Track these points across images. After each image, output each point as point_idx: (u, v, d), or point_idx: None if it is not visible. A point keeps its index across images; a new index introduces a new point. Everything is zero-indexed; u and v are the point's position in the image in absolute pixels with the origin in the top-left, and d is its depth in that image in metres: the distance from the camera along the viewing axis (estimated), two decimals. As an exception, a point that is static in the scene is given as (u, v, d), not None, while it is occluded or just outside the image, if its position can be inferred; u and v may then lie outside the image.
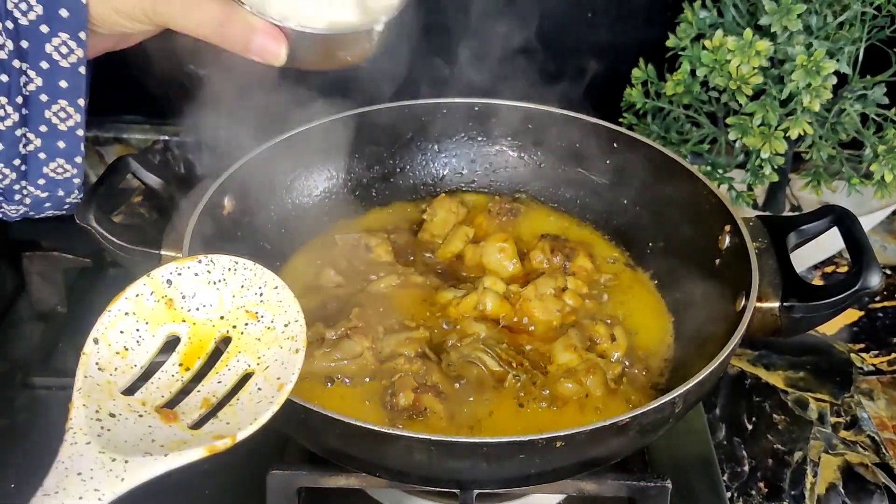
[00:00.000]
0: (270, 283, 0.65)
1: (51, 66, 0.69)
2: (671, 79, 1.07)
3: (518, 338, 0.86)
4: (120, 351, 0.62)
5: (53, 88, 0.71)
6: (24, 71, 0.69)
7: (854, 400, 1.01)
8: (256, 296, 0.65)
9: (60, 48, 0.69)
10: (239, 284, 0.65)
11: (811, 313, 0.78)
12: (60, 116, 0.72)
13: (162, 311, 0.64)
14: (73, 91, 0.71)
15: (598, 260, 0.97)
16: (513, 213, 1.02)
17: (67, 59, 0.70)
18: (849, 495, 0.90)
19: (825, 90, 0.96)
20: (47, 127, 0.72)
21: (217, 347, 0.65)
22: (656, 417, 0.68)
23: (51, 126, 0.72)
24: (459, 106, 1.03)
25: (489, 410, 0.78)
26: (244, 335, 0.64)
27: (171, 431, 0.59)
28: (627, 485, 0.78)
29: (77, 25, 0.68)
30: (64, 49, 0.69)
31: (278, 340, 0.63)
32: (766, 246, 0.83)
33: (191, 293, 0.65)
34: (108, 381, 0.61)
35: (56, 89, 0.71)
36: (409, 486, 0.81)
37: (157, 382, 0.63)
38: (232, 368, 0.63)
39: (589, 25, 1.23)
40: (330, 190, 1.03)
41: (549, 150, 1.05)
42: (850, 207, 0.85)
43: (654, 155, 0.95)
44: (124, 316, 0.63)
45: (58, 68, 0.70)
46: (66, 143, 0.73)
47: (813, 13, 0.99)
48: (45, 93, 0.71)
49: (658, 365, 0.85)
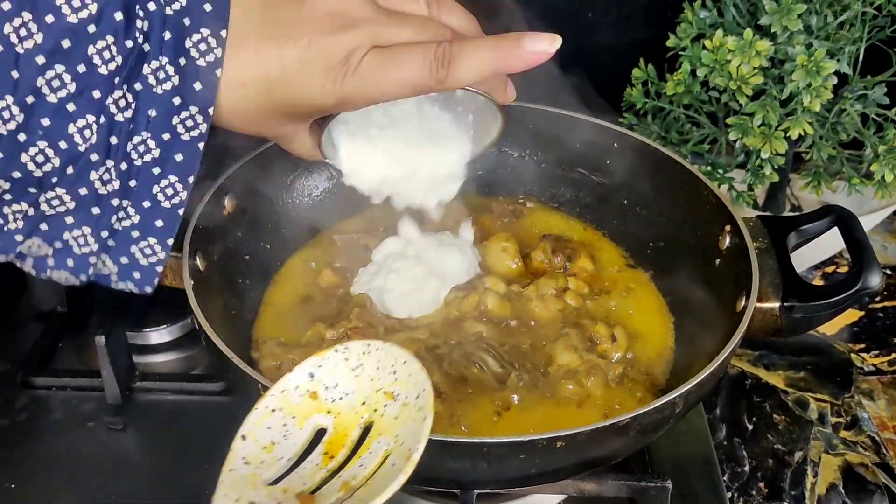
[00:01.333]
0: (400, 359, 0.64)
1: (152, 205, 0.66)
2: (671, 79, 1.07)
3: (519, 338, 0.86)
4: (267, 446, 0.62)
5: (148, 227, 0.67)
6: (123, 208, 0.65)
7: (854, 400, 1.01)
8: (391, 375, 0.64)
9: (166, 190, 0.66)
10: (374, 367, 0.65)
11: (811, 313, 0.78)
12: (145, 252, 0.68)
13: (307, 405, 0.64)
14: (166, 231, 0.67)
15: (599, 260, 0.97)
16: (515, 214, 1.02)
17: (171, 201, 0.66)
18: (849, 495, 0.90)
19: (825, 90, 0.96)
20: (128, 259, 0.68)
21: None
22: (656, 417, 0.68)
23: (132, 259, 0.68)
24: (459, 106, 1.03)
25: (489, 410, 0.78)
26: (384, 417, 0.63)
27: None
28: (628, 485, 0.78)
29: (188, 170, 0.65)
30: (170, 191, 0.66)
31: (412, 415, 0.62)
32: (767, 246, 0.83)
33: (332, 383, 0.65)
34: (252, 475, 0.61)
35: (150, 228, 0.67)
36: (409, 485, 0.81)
37: (300, 472, 0.62)
38: (373, 451, 0.62)
39: (589, 25, 1.23)
40: (330, 190, 1.03)
41: (549, 150, 1.04)
42: (851, 207, 0.85)
43: (655, 155, 0.95)
44: (271, 413, 0.63)
45: (158, 208, 0.66)
46: (142, 275, 0.69)
47: (813, 13, 0.99)
48: (138, 230, 0.67)
49: (658, 365, 0.85)
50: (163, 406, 0.94)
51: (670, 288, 0.93)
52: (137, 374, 0.95)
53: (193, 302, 0.75)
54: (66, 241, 0.65)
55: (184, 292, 0.76)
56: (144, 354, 1.00)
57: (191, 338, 1.02)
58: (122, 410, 0.92)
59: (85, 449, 0.88)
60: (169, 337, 1.02)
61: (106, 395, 0.92)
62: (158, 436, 0.92)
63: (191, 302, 0.75)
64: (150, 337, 1.01)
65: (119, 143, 0.62)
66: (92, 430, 0.90)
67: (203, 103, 0.63)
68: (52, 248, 0.65)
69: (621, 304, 0.92)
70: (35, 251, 0.66)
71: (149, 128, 0.63)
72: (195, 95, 0.63)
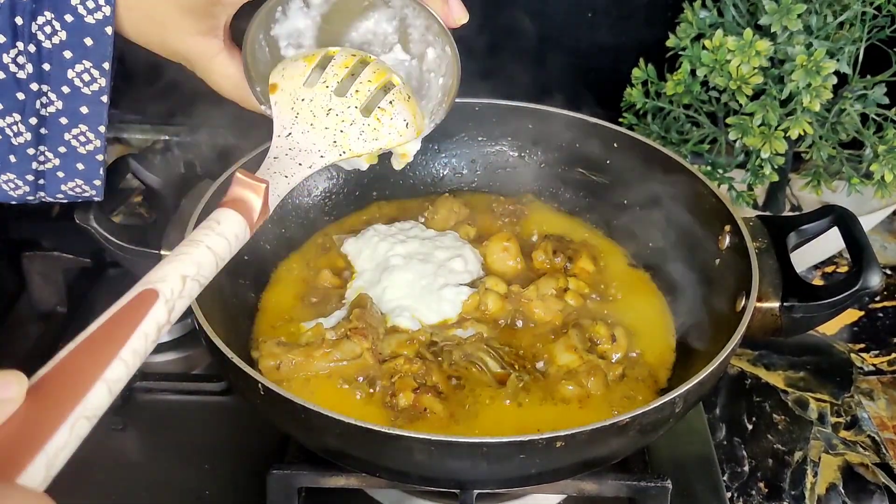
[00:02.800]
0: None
1: (72, 91, 0.69)
2: (671, 79, 1.07)
3: (519, 338, 0.86)
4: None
5: (74, 113, 0.70)
6: (44, 93, 0.69)
7: (854, 400, 1.01)
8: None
9: (83, 75, 0.69)
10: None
11: (811, 313, 0.78)
12: (80, 140, 0.71)
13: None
14: (94, 118, 0.71)
15: (600, 260, 0.97)
16: (516, 214, 1.02)
17: (89, 87, 0.69)
18: (849, 495, 0.90)
19: (825, 90, 0.96)
20: (66, 148, 0.71)
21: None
22: (656, 417, 0.68)
23: (70, 148, 0.71)
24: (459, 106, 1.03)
25: (490, 411, 0.78)
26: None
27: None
28: (627, 485, 0.78)
29: (101, 56, 0.68)
30: (86, 76, 0.69)
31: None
32: (767, 246, 0.83)
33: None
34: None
35: (76, 114, 0.70)
36: (409, 486, 0.81)
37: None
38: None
39: (589, 25, 1.23)
40: (329, 190, 1.03)
41: (550, 150, 1.05)
42: (850, 207, 0.85)
43: (655, 155, 0.95)
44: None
45: (79, 94, 0.69)
46: (85, 166, 0.73)
47: (813, 13, 0.99)
48: (65, 116, 0.70)
49: (658, 365, 0.85)
50: (163, 406, 0.94)
51: (670, 288, 0.92)
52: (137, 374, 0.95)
53: (193, 302, 0.75)
54: (3, 130, 0.68)
55: (184, 292, 0.76)
56: (144, 354, 1.00)
57: (191, 338, 1.02)
58: (122, 410, 0.92)
59: (85, 449, 0.88)
60: (169, 337, 1.02)
61: (106, 394, 0.92)
62: (158, 436, 0.92)
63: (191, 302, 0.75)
64: (150, 337, 1.01)
65: (24, 24, 0.66)
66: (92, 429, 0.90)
67: (97, 59, 0.66)
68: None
69: (621, 304, 0.91)
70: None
71: (51, 7, 0.66)
72: None
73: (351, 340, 0.81)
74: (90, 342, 0.47)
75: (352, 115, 0.72)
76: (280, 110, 0.72)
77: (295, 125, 0.71)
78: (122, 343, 0.49)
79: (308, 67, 0.72)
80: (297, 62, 0.73)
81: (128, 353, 0.49)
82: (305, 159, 0.70)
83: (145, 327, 0.50)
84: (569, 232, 1.01)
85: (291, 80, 0.72)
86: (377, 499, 0.84)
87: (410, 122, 0.74)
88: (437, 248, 0.93)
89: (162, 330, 0.53)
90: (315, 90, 0.72)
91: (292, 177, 0.68)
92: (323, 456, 0.75)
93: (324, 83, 0.72)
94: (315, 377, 0.79)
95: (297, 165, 0.69)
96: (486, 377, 0.80)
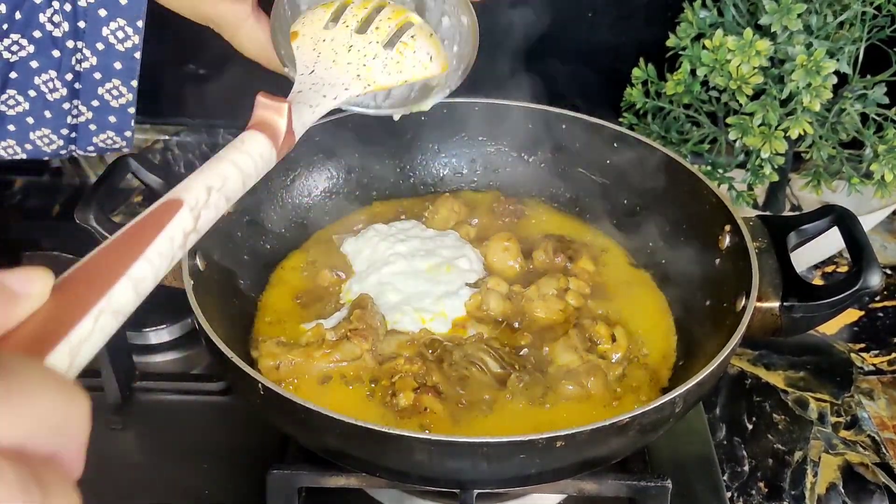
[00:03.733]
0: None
1: (106, 47, 0.72)
2: (671, 78, 1.07)
3: (519, 338, 0.86)
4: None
5: (108, 69, 0.74)
6: (79, 49, 0.72)
7: (854, 400, 1.01)
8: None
9: (117, 32, 0.72)
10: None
11: (811, 313, 0.78)
12: (113, 94, 0.75)
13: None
14: (126, 73, 0.74)
15: (600, 260, 0.97)
16: (516, 214, 1.02)
17: (123, 44, 0.72)
18: (849, 495, 0.90)
19: (825, 90, 0.96)
20: (99, 102, 0.75)
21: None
22: (656, 417, 0.68)
23: (103, 102, 0.75)
24: (459, 106, 1.03)
25: (489, 411, 0.78)
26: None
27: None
28: (627, 485, 0.78)
29: (134, 14, 0.71)
30: (120, 34, 0.72)
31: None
32: (767, 246, 0.83)
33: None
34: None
35: (110, 69, 0.74)
36: (409, 486, 0.81)
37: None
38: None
39: (589, 25, 1.23)
40: (329, 190, 1.03)
41: (550, 150, 1.04)
42: (850, 207, 0.85)
43: (654, 155, 0.95)
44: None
45: (113, 50, 0.73)
46: (117, 119, 0.76)
47: (813, 13, 0.99)
48: (99, 71, 0.73)
49: (658, 365, 0.85)
50: (163, 406, 0.94)
51: (670, 287, 0.93)
52: (137, 374, 0.95)
53: (193, 302, 0.75)
54: (38, 87, 0.72)
55: (184, 292, 0.76)
56: (144, 354, 1.00)
57: (191, 338, 1.02)
58: (122, 410, 0.92)
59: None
60: (169, 337, 1.02)
61: (106, 394, 0.92)
62: (158, 436, 0.92)
63: (191, 302, 0.75)
64: (149, 337, 1.01)
65: (62, 58, 0.69)
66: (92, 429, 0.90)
67: (131, 17, 0.69)
68: (27, 98, 0.72)
69: (622, 304, 0.91)
70: (13, 106, 0.72)
71: (85, 38, 0.69)
72: None
73: (351, 342, 0.81)
74: (114, 244, 0.46)
75: (374, 50, 0.73)
76: (302, 53, 0.73)
77: (318, 63, 0.72)
78: (146, 244, 0.47)
79: (327, 12, 0.74)
80: (316, 10, 0.75)
81: (153, 254, 0.47)
82: (330, 91, 0.70)
83: (171, 231, 0.49)
84: (569, 232, 1.01)
85: (311, 24, 0.74)
86: (377, 499, 0.84)
87: (434, 56, 0.75)
88: (438, 247, 0.93)
89: (189, 237, 0.51)
90: (336, 31, 0.73)
91: (317, 106, 0.69)
92: (323, 456, 0.75)
93: (344, 23, 0.74)
94: (315, 377, 0.79)
95: (321, 97, 0.69)
96: (487, 377, 0.80)
